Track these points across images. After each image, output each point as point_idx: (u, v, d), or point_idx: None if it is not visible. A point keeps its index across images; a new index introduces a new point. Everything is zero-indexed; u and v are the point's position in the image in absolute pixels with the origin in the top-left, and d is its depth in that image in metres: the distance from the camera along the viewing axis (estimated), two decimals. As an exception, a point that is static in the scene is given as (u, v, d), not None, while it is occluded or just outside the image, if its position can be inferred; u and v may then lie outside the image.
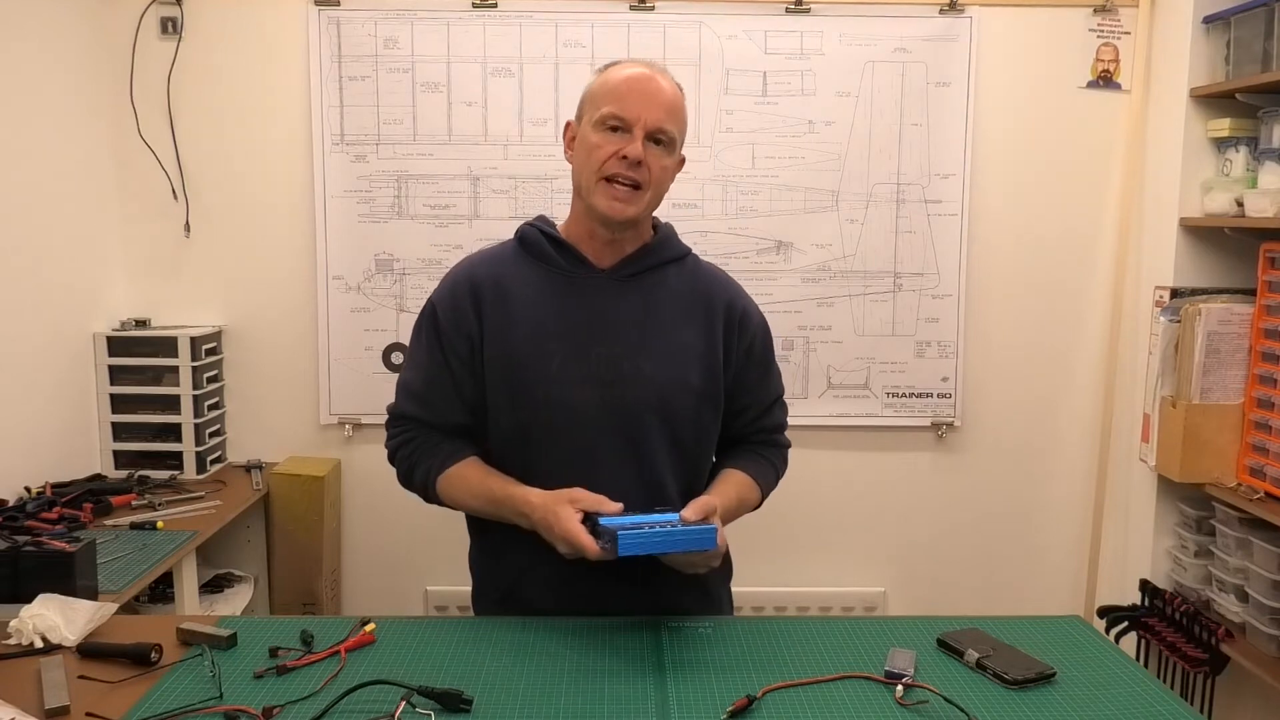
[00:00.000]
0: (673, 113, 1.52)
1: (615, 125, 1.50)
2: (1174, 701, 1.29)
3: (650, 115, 1.49)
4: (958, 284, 2.90)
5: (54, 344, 2.59)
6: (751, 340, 1.64)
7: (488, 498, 1.53)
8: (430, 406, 1.59)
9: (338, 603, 2.96)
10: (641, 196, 1.52)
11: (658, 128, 1.50)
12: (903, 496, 3.01)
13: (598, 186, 1.51)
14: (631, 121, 1.49)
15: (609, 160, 1.49)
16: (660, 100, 1.51)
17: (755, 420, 1.67)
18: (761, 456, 1.68)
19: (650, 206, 1.56)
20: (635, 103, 1.49)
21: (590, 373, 1.52)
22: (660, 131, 1.50)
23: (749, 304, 1.67)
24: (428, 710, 1.22)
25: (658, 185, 1.53)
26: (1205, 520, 2.61)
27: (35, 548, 1.66)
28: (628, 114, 1.49)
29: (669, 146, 1.53)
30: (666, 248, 1.63)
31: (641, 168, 1.50)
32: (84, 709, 1.23)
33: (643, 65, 1.54)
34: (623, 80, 1.52)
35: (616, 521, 1.38)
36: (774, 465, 1.70)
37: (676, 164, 1.57)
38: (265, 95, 2.83)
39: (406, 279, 2.86)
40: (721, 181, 2.85)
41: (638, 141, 1.49)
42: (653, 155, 1.50)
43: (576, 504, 1.42)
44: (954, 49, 2.82)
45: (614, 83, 1.52)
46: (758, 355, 1.65)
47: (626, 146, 1.48)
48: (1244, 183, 2.51)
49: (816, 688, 1.30)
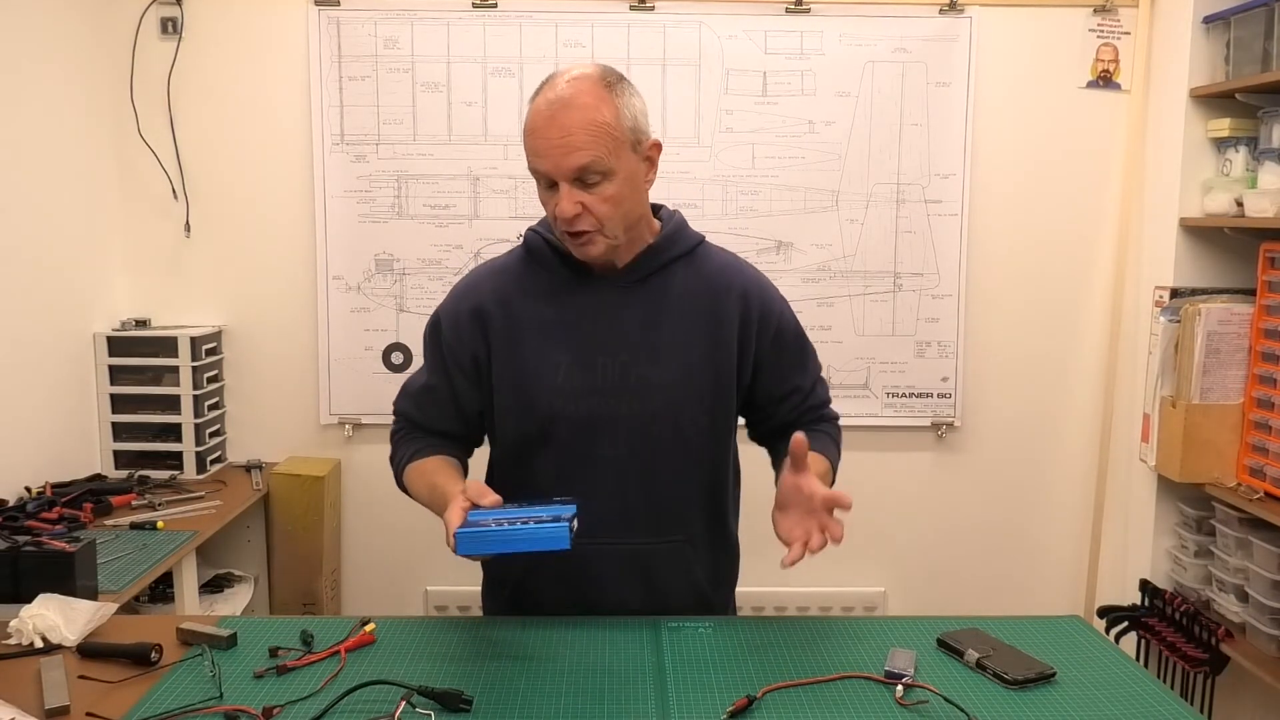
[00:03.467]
0: (593, 139, 1.39)
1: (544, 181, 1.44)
2: (1174, 701, 1.29)
3: (563, 164, 1.39)
4: (958, 284, 2.90)
5: (54, 344, 2.59)
6: (778, 326, 1.58)
7: (430, 490, 1.50)
8: (421, 410, 1.62)
9: (338, 603, 2.96)
10: (600, 236, 1.44)
11: (576, 170, 1.39)
12: (903, 496, 3.01)
13: (563, 237, 1.47)
14: (551, 176, 1.41)
15: (557, 219, 1.44)
16: (572, 140, 1.38)
17: (801, 403, 1.63)
18: (818, 430, 1.63)
19: (619, 233, 1.46)
20: (546, 155, 1.40)
21: (596, 383, 1.51)
22: (583, 170, 1.39)
23: (766, 290, 1.60)
24: (428, 710, 1.22)
25: (612, 217, 1.43)
26: (1205, 520, 2.61)
27: (35, 548, 1.66)
28: (544, 169, 1.41)
29: (606, 175, 1.41)
30: (673, 244, 1.56)
31: (583, 216, 1.42)
32: (84, 709, 1.23)
33: (553, 91, 1.41)
34: (532, 129, 1.42)
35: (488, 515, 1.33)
36: (831, 437, 1.66)
37: (633, 174, 1.44)
38: (265, 95, 2.83)
39: (406, 279, 2.86)
40: (721, 181, 2.85)
41: (564, 198, 1.40)
42: (588, 195, 1.41)
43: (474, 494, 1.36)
44: (954, 49, 2.82)
45: (528, 131, 1.43)
46: (789, 340, 1.60)
47: (558, 205, 1.41)
48: (1244, 183, 2.51)
49: (816, 688, 1.30)
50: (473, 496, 1.35)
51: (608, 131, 1.40)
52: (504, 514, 1.33)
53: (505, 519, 1.31)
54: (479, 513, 1.33)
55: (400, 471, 1.61)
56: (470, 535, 1.28)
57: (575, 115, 1.39)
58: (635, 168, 1.45)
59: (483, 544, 1.29)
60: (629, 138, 1.43)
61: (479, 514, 1.33)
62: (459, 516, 1.31)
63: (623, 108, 1.43)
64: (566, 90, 1.41)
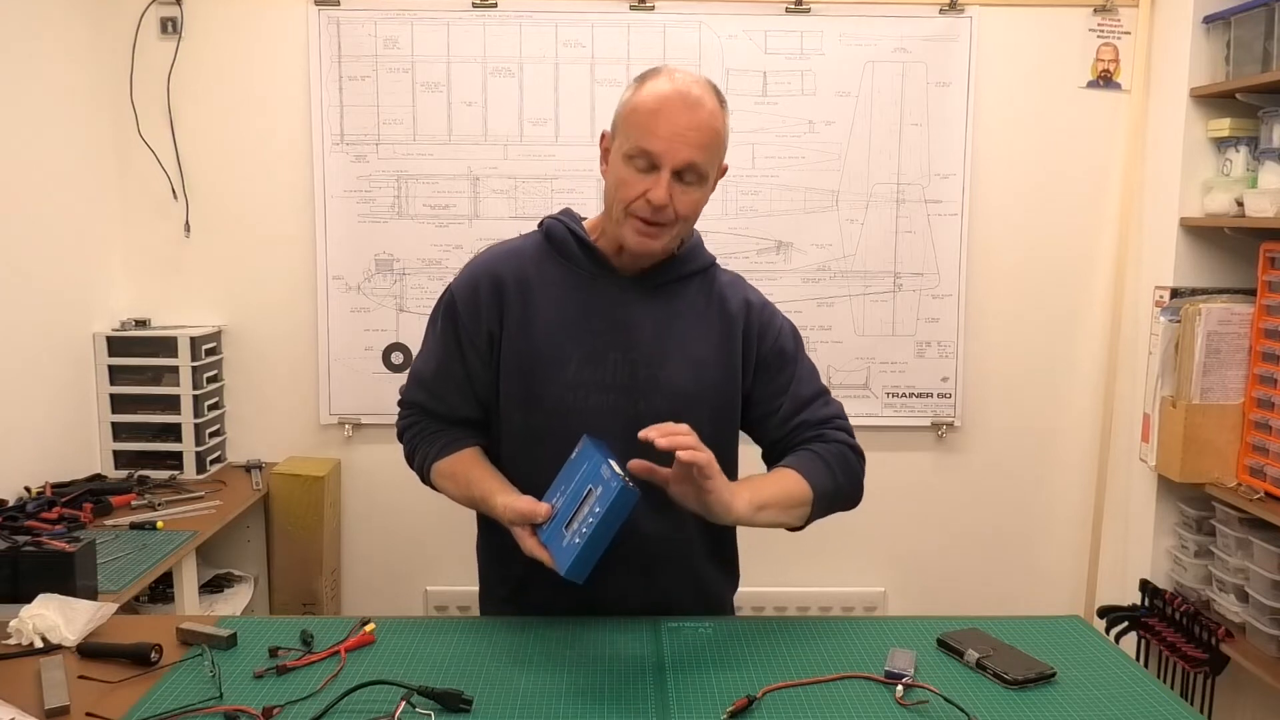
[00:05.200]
0: (707, 144, 1.43)
1: (642, 162, 1.43)
2: (1174, 701, 1.29)
3: (680, 153, 1.41)
4: (958, 284, 2.90)
5: (54, 344, 2.59)
6: (778, 338, 1.59)
7: (468, 497, 1.54)
8: (437, 397, 1.59)
9: (338, 603, 2.96)
10: (668, 231, 1.47)
11: (687, 165, 1.42)
12: (903, 496, 3.01)
13: (626, 221, 1.46)
14: (659, 159, 1.42)
15: (635, 201, 1.44)
16: (692, 134, 1.41)
17: (793, 416, 1.57)
18: (807, 449, 1.55)
19: (679, 238, 1.52)
20: (664, 138, 1.41)
21: (605, 379, 1.51)
22: (690, 168, 1.43)
23: (769, 307, 1.63)
24: (428, 710, 1.22)
25: (689, 219, 1.49)
26: (1205, 520, 2.61)
27: (35, 548, 1.66)
28: (656, 150, 1.41)
29: (700, 181, 1.46)
30: (692, 259, 1.59)
31: (668, 209, 1.43)
32: (84, 709, 1.23)
33: (680, 84, 1.44)
34: (654, 110, 1.42)
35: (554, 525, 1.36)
36: (820, 457, 1.53)
37: (711, 189, 1.51)
38: (265, 95, 2.83)
39: (406, 279, 2.86)
40: (721, 181, 2.83)
41: (662, 186, 1.41)
42: (680, 193, 1.43)
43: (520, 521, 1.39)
44: (954, 49, 2.82)
45: (645, 110, 1.43)
46: (788, 352, 1.60)
47: (652, 190, 1.42)
48: (1244, 183, 2.51)
49: (816, 688, 1.30)
50: (528, 520, 1.38)
51: (719, 142, 1.47)
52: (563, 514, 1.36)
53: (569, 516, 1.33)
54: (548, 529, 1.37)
55: (426, 472, 1.60)
56: (575, 564, 1.29)
57: (703, 115, 1.44)
58: (710, 187, 1.51)
59: (586, 560, 1.30)
60: (722, 155, 1.51)
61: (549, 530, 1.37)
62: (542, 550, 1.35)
63: (728, 127, 1.51)
64: (696, 90, 1.44)
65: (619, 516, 1.29)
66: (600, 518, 1.28)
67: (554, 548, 1.34)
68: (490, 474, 1.54)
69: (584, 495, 1.33)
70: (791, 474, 1.50)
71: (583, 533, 1.30)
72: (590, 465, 1.36)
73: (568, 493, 1.37)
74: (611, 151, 1.49)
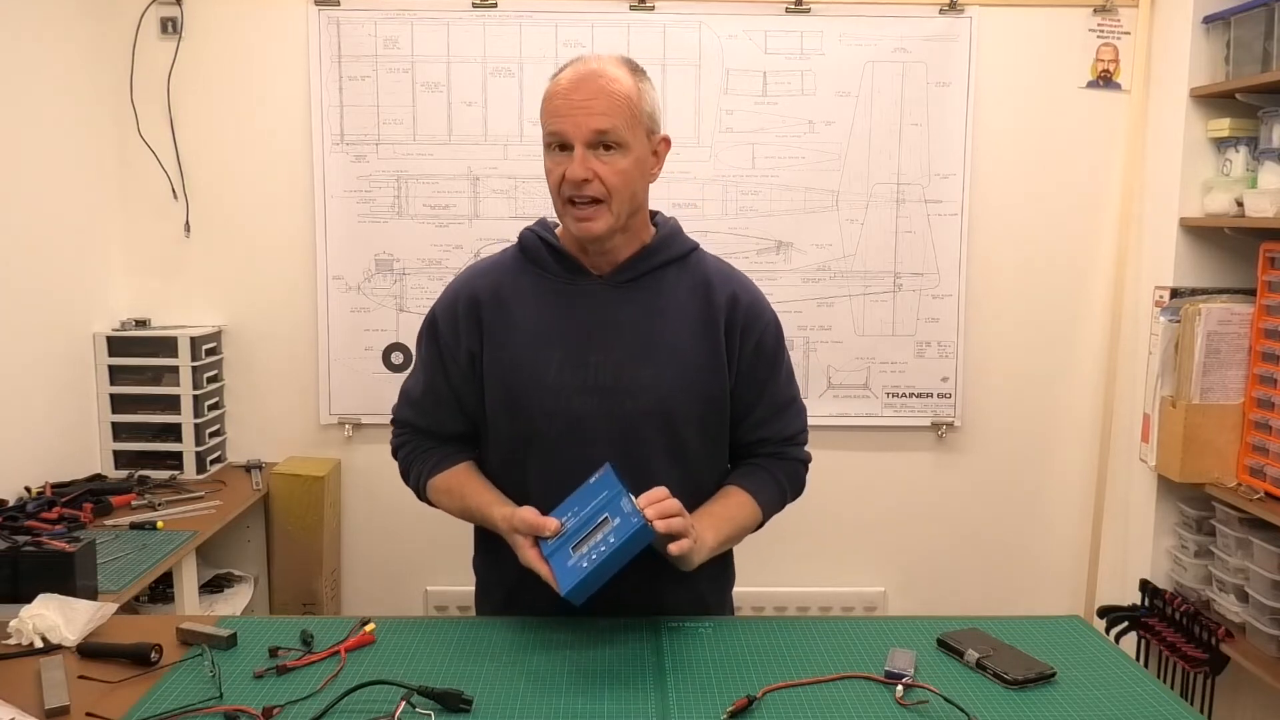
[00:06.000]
0: (615, 109, 1.42)
1: (558, 145, 1.44)
2: (1174, 701, 1.29)
3: (584, 125, 1.41)
4: (958, 284, 2.90)
5: (54, 344, 2.59)
6: (761, 335, 1.57)
7: (464, 510, 1.57)
8: (426, 415, 1.62)
9: (338, 603, 2.96)
10: (605, 209, 1.45)
11: (595, 134, 1.42)
12: (903, 496, 3.01)
13: (564, 209, 1.47)
14: (568, 137, 1.42)
15: (561, 185, 1.44)
16: (595, 104, 1.41)
17: (763, 424, 1.60)
18: (766, 472, 1.60)
19: (623, 214, 1.47)
20: (567, 115, 1.42)
21: (588, 381, 1.50)
22: (601, 135, 1.42)
23: (757, 298, 1.59)
24: (428, 710, 1.22)
25: (620, 190, 1.45)
26: (1205, 520, 2.61)
27: (35, 548, 1.66)
28: (562, 129, 1.43)
29: (621, 148, 1.44)
30: (667, 247, 1.57)
31: (593, 182, 1.43)
32: (84, 709, 1.23)
33: (580, 64, 1.46)
34: (555, 92, 1.45)
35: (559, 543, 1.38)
36: (779, 483, 1.60)
37: (643, 158, 1.48)
38: (265, 95, 2.83)
39: (406, 279, 2.86)
40: (721, 181, 2.85)
41: (577, 162, 1.41)
42: (600, 164, 1.43)
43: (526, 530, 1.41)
44: (954, 49, 2.82)
45: (549, 95, 1.46)
46: (768, 352, 1.58)
47: (569, 167, 1.42)
48: (1244, 183, 2.51)
49: (816, 688, 1.30)
50: (534, 532, 1.40)
51: (629, 106, 1.45)
52: (571, 533, 1.37)
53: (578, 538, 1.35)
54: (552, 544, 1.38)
55: (422, 489, 1.62)
56: (578, 586, 1.31)
57: (602, 83, 1.44)
58: (645, 153, 1.49)
59: (589, 585, 1.32)
60: (645, 122, 1.48)
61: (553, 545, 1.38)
62: (542, 564, 1.37)
63: (645, 92, 1.48)
64: (595, 64, 1.46)
65: (631, 551, 1.32)
66: (614, 549, 1.31)
67: (557, 565, 1.36)
68: (485, 487, 1.56)
69: (598, 522, 1.35)
70: (748, 502, 1.56)
71: (592, 558, 1.32)
72: (610, 494, 1.37)
73: (581, 515, 1.38)
74: None
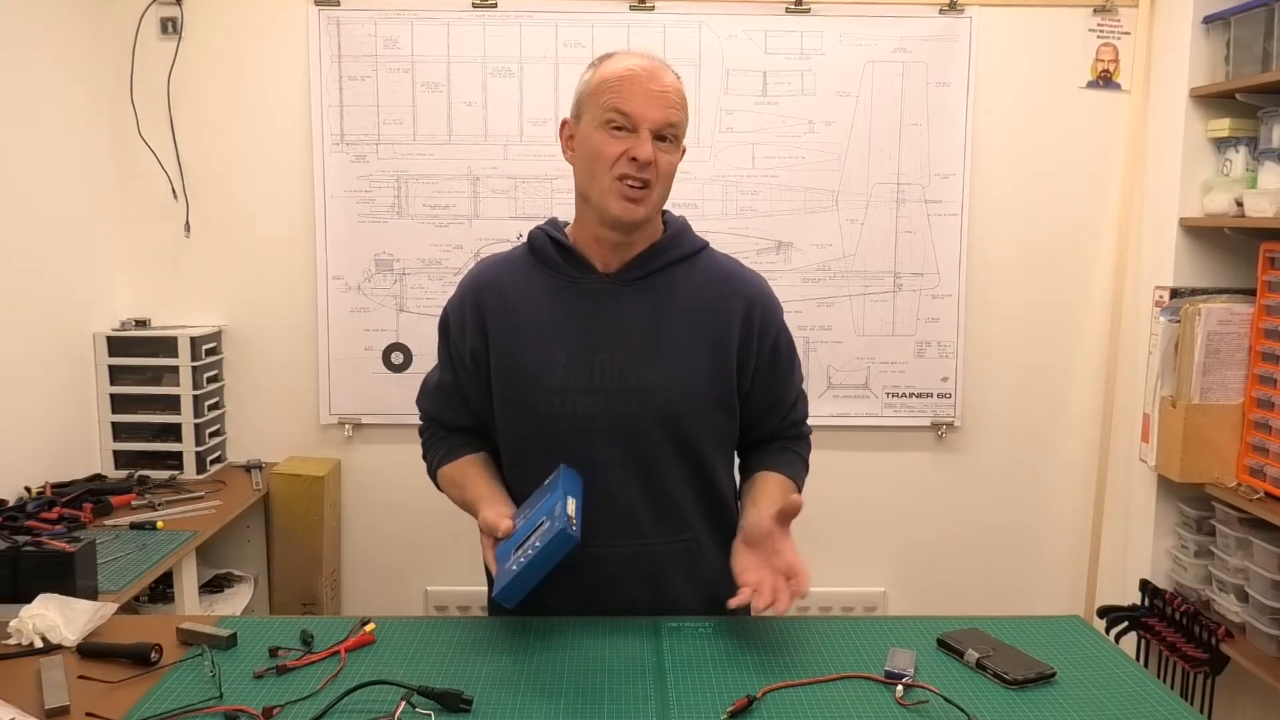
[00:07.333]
0: (682, 105, 1.49)
1: (620, 125, 1.45)
2: (1174, 701, 1.29)
3: (656, 113, 1.45)
4: (958, 284, 2.90)
5: (54, 344, 2.59)
6: (776, 338, 1.60)
7: (463, 501, 1.59)
8: (438, 407, 1.66)
9: (338, 603, 2.96)
10: (650, 195, 1.47)
11: (667, 124, 1.46)
12: (903, 496, 3.01)
13: (611, 187, 1.46)
14: (638, 121, 1.44)
15: (618, 161, 1.45)
16: (669, 96, 1.46)
17: (781, 416, 1.64)
18: (791, 451, 1.66)
19: (659, 204, 1.52)
20: (639, 101, 1.44)
21: (594, 382, 1.50)
22: (672, 127, 1.47)
23: (769, 300, 1.62)
24: (428, 710, 1.22)
25: (667, 181, 1.49)
26: (1205, 520, 2.61)
27: (35, 548, 1.66)
28: (633, 113, 1.44)
29: (676, 142, 1.49)
30: (676, 245, 1.57)
31: (650, 167, 1.45)
32: (84, 709, 1.23)
33: (641, 57, 1.49)
34: (623, 77, 1.46)
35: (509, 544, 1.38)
36: (803, 459, 1.68)
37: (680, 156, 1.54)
38: (265, 95, 2.83)
39: (406, 279, 2.86)
40: (721, 181, 2.85)
41: (646, 143, 1.44)
42: (660, 152, 1.46)
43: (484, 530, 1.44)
44: (954, 49, 2.82)
45: (614, 79, 1.46)
46: (784, 353, 1.62)
47: (636, 148, 1.44)
48: (1244, 183, 2.51)
49: (816, 688, 1.30)
50: (490, 533, 1.42)
51: (686, 108, 1.52)
52: (519, 534, 1.37)
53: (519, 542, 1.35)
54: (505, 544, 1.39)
55: (434, 476, 1.67)
56: (506, 589, 1.32)
57: (671, 79, 1.49)
58: (680, 153, 1.54)
59: (519, 589, 1.32)
60: (687, 124, 1.54)
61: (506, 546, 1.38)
62: (494, 564, 1.39)
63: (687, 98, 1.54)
64: (657, 62, 1.50)
65: (553, 557, 1.31)
66: (539, 552, 1.30)
67: (500, 566, 1.36)
68: (483, 481, 1.56)
69: (538, 525, 1.35)
70: (788, 484, 1.60)
71: (520, 561, 1.32)
72: (552, 497, 1.37)
73: (530, 517, 1.39)
74: (580, 129, 1.50)
